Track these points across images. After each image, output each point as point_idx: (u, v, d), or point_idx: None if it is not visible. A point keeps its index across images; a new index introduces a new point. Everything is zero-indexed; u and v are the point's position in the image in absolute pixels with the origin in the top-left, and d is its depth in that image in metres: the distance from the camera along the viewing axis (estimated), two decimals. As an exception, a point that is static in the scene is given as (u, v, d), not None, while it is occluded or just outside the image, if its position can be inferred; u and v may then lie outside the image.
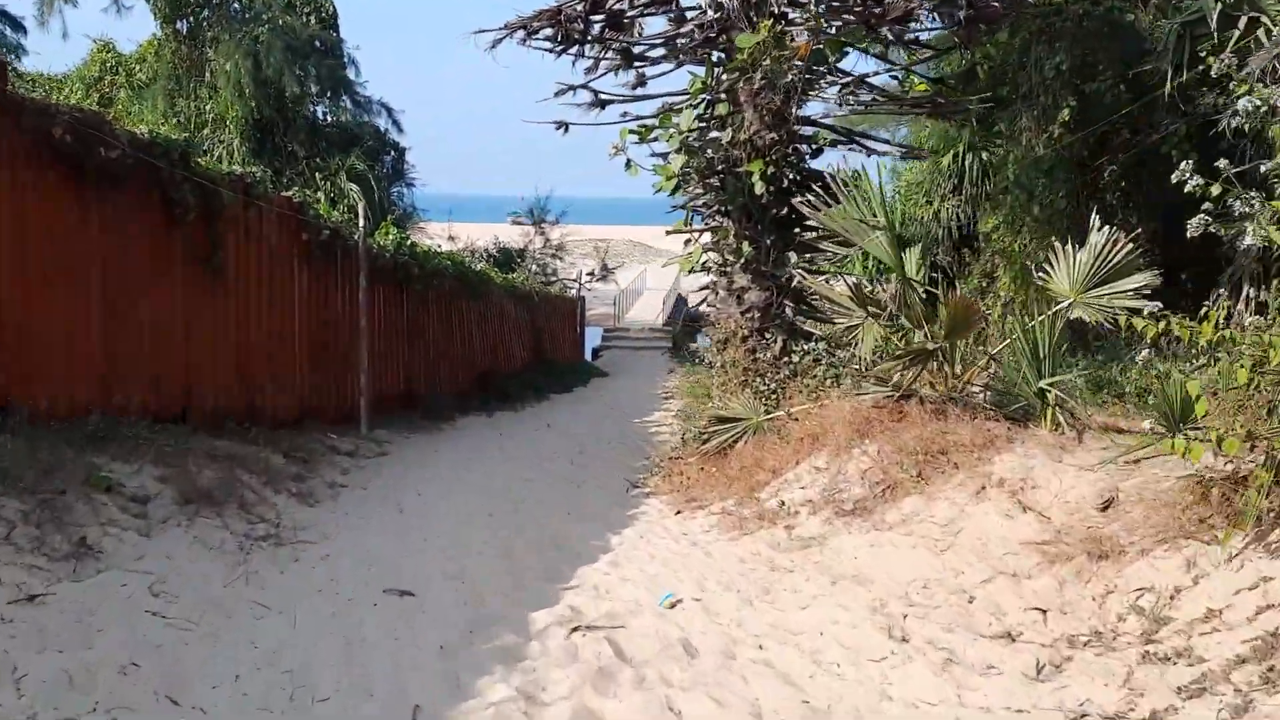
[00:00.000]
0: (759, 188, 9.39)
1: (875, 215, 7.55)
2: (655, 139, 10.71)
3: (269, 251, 10.27)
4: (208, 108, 20.46)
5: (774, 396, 8.78)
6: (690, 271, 10.71)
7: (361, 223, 11.83)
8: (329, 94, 22.92)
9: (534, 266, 26.53)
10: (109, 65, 22.12)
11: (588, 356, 27.51)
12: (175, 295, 8.61)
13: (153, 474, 6.31)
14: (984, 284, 13.54)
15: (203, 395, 9.01)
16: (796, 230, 9.72)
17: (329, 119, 23.31)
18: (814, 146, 10.56)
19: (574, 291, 27.19)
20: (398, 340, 13.70)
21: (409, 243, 13.60)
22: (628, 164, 10.70)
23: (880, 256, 7.78)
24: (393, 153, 24.48)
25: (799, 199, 8.53)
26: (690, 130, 10.21)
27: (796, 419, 8.14)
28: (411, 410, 13.88)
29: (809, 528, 6.47)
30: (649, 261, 43.22)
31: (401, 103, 26.49)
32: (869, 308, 7.48)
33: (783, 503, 6.98)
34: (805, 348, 9.00)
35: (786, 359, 9.26)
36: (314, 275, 11.33)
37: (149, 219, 8.23)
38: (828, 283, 9.49)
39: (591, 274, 28.92)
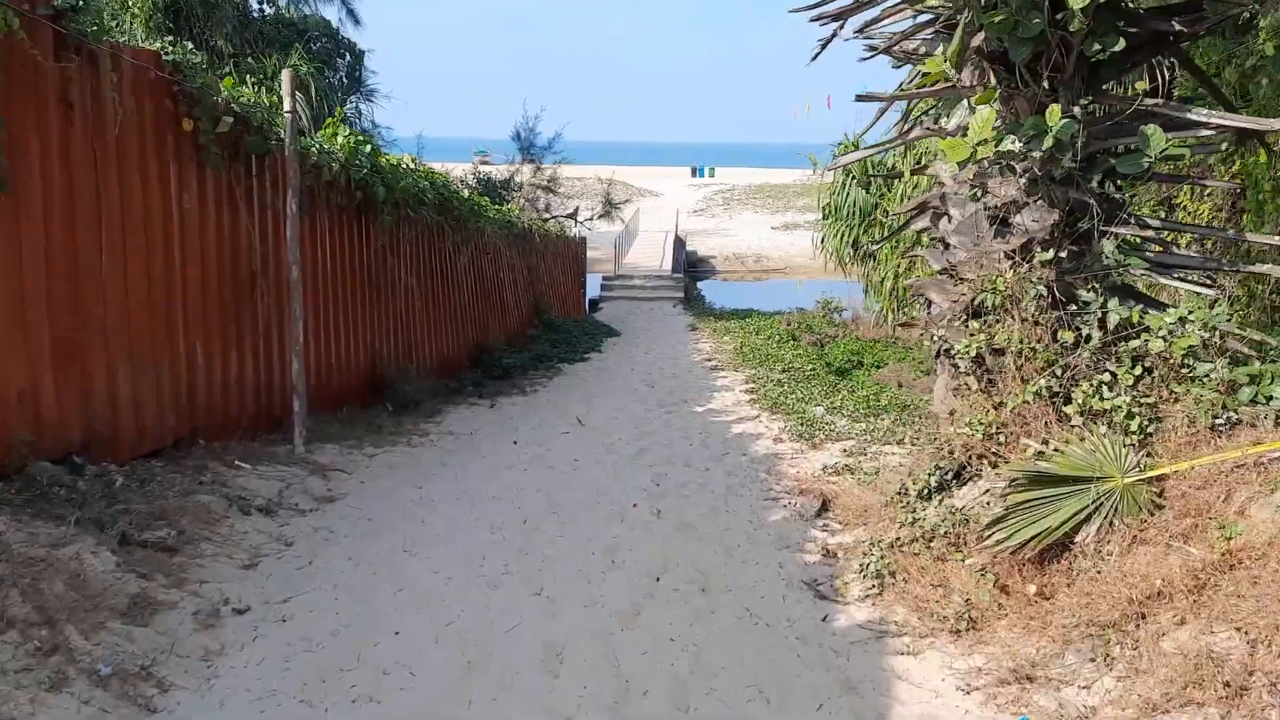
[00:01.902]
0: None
1: None
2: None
3: (115, 144, 5.69)
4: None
5: (1139, 433, 4.29)
6: (967, 162, 5.70)
7: (289, 110, 7.21)
8: (263, -26, 18.03)
9: (523, 202, 21.80)
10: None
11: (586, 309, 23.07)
12: None
13: None
14: None
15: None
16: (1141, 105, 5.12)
17: (263, 9, 18.35)
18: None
19: (575, 231, 22.50)
20: (355, 299, 9.16)
21: (368, 149, 9.01)
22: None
23: None
24: (348, 55, 19.59)
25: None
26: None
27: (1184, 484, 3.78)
28: (378, 401, 9.39)
29: None
30: (642, 199, 38.39)
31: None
32: None
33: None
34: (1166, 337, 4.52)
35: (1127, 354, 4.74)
36: (209, 192, 6.77)
37: None
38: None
39: (590, 213, 24.21)
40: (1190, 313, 4.46)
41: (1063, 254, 5.17)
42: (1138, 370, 4.47)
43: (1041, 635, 3.67)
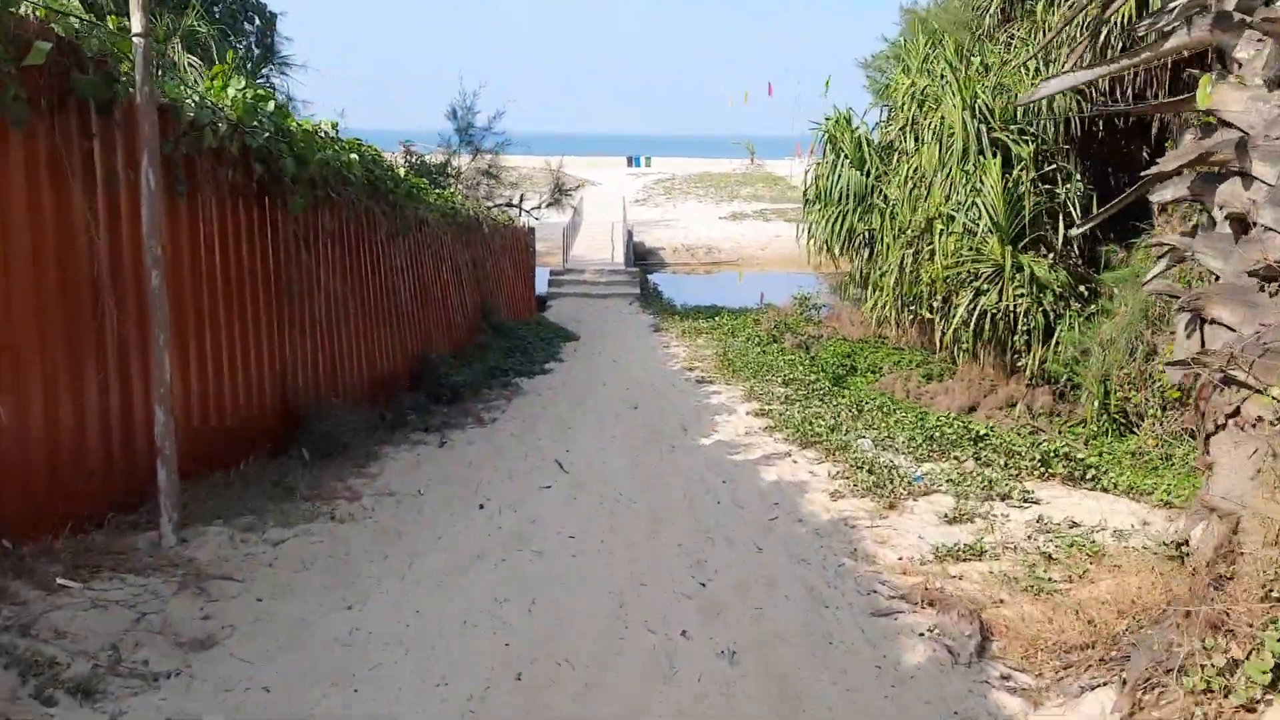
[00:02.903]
0: None
1: None
2: None
3: None
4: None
5: None
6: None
7: (139, 31, 4.83)
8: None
9: (462, 190, 19.31)
10: None
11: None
12: None
13: None
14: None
15: None
16: None
17: (154, -40, 15.59)
18: None
19: (523, 221, 20.09)
20: (258, 310, 6.78)
21: (271, 106, 6.63)
22: None
23: None
24: (257, 19, 16.93)
25: None
26: None
27: None
28: (291, 443, 7.03)
29: None
30: (581, 189, 35.96)
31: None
32: None
33: None
34: None
35: None
36: (13, 161, 4.39)
37: None
38: None
39: (538, 200, 21.82)
40: None
41: None
42: None
43: None
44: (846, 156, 14.79)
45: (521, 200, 20.97)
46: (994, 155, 12.23)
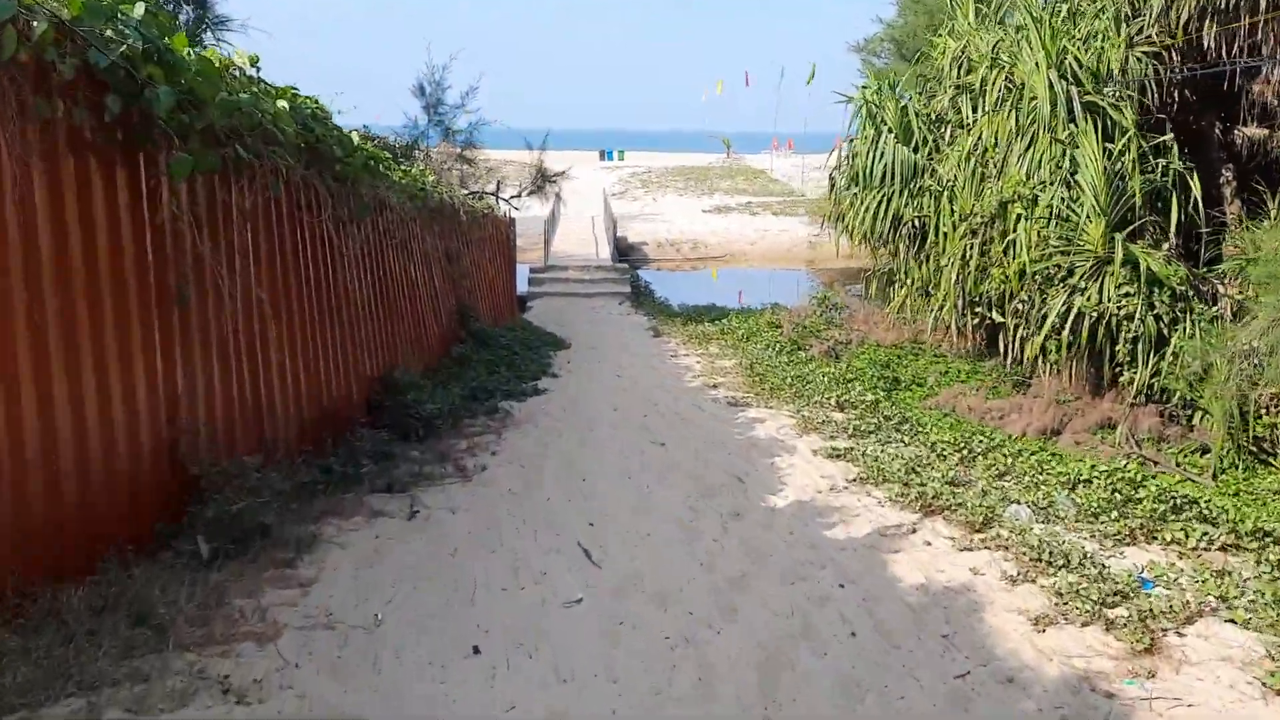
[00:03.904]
0: None
1: None
2: None
3: None
4: None
5: None
6: None
7: None
8: None
9: (431, 175, 16.76)
10: None
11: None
12: None
13: None
14: None
15: None
16: None
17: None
18: None
19: (503, 210, 17.59)
20: (121, 320, 4.34)
21: (139, 10, 4.22)
22: None
23: None
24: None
25: None
26: None
27: None
28: (182, 531, 4.60)
29: None
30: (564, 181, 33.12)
31: None
32: None
33: None
34: None
35: None
36: None
37: None
38: None
39: (519, 188, 19.33)
40: None
41: None
42: None
43: None
44: (891, 130, 12.50)
45: (499, 188, 18.50)
46: (1087, 123, 10.01)
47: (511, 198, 18.27)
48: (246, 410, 5.61)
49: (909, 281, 13.76)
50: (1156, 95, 10.71)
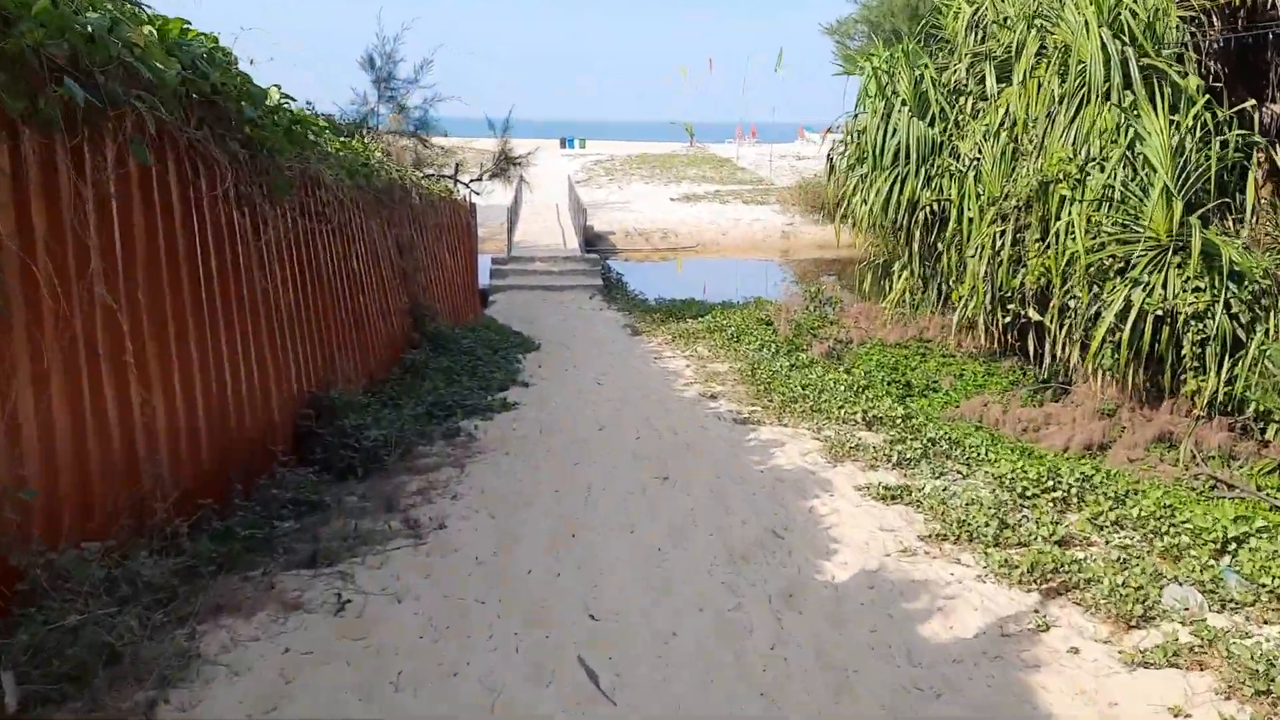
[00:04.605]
0: None
1: None
2: None
3: None
4: None
5: None
6: None
7: None
8: None
9: (381, 156, 14.95)
10: None
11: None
12: None
13: None
14: None
15: None
16: None
17: None
18: None
19: (463, 195, 15.84)
20: None
21: None
22: None
23: None
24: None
25: None
26: None
27: None
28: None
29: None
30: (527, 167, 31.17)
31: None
32: None
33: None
34: None
35: None
36: None
37: None
38: None
39: (480, 171, 17.61)
40: None
41: None
42: None
43: None
44: (905, 103, 11.02)
45: (458, 170, 16.79)
46: (1148, 90, 8.62)
47: (472, 181, 16.56)
48: (111, 459, 3.98)
49: (910, 274, 12.37)
50: (1197, 67, 9.42)
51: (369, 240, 8.58)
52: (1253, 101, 9.44)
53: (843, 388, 9.23)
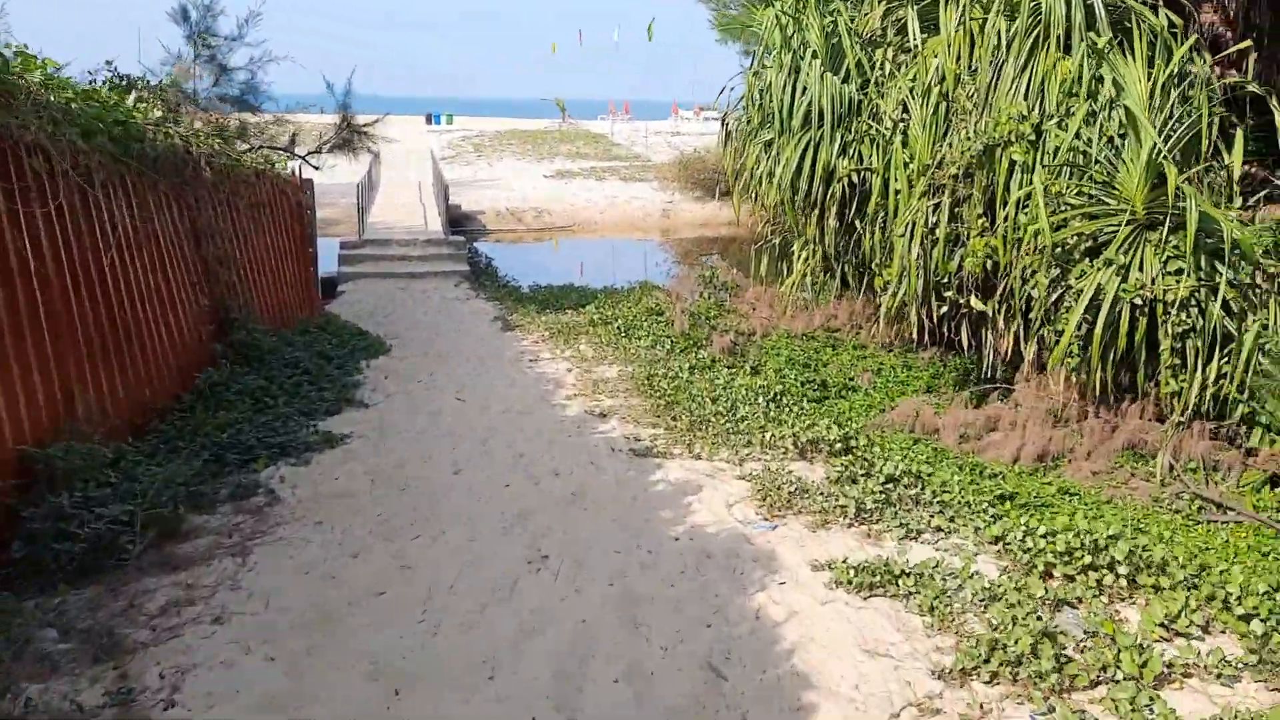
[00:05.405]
0: None
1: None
2: None
3: None
4: None
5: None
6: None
7: None
8: None
9: (198, 125, 12.35)
10: None
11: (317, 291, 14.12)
12: None
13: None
14: None
15: None
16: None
17: None
18: None
19: (292, 169, 13.44)
20: None
21: None
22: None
23: None
24: None
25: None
26: None
27: None
28: None
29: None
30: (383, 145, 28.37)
31: None
32: None
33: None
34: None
35: None
36: None
37: None
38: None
39: (320, 143, 15.19)
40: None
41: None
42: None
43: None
44: (816, 55, 9.35)
45: (294, 143, 14.35)
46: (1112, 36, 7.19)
47: (309, 154, 14.15)
48: None
49: (810, 254, 10.85)
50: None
51: (135, 226, 6.35)
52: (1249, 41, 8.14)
53: (758, 396, 7.55)
